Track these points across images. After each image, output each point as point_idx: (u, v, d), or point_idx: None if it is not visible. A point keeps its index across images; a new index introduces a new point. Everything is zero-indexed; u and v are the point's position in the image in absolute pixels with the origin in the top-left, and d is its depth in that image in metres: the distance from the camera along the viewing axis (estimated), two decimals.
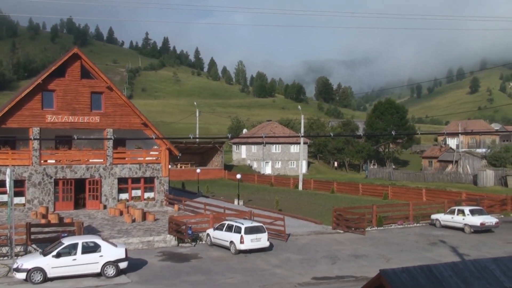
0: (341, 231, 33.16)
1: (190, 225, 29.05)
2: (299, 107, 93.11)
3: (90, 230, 30.35)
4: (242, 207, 43.85)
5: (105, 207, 40.65)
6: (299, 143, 78.59)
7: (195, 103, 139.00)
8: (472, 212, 33.19)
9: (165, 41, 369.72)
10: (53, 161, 39.89)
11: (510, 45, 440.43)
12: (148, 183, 43.44)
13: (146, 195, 43.26)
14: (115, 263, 22.03)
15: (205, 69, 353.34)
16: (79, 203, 41.07)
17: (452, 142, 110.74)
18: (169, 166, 45.59)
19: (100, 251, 22.02)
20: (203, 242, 29.39)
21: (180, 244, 28.80)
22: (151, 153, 43.79)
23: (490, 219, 33.03)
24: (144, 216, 35.59)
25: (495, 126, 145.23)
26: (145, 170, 42.96)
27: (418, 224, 36.25)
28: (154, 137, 37.91)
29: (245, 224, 27.24)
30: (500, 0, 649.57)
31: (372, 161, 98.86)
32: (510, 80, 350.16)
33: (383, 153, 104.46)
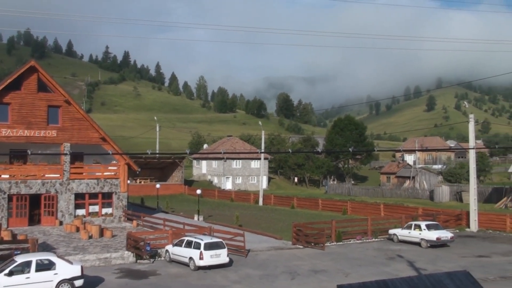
0: (301, 247, 33.26)
1: (148, 241, 28.64)
2: (260, 122, 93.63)
3: (45, 247, 29.53)
4: (202, 223, 43.50)
5: (61, 223, 39.69)
6: (259, 159, 78.82)
7: (155, 117, 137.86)
8: (429, 227, 33.83)
9: (126, 55, 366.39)
10: (7, 176, 38.75)
11: (464, 65, 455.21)
12: (106, 198, 42.69)
13: (104, 210, 42.49)
14: (70, 281, 21.47)
15: (166, 84, 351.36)
16: (34, 219, 39.95)
17: (409, 158, 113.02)
18: (128, 181, 44.98)
19: (55, 269, 21.42)
20: (162, 258, 29.00)
21: (138, 261, 28.33)
22: (110, 168, 43.12)
23: (445, 234, 33.74)
24: (101, 232, 34.88)
25: (451, 143, 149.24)
26: (103, 185, 42.22)
27: (376, 239, 36.69)
28: (111, 152, 37.36)
29: (205, 240, 27.02)
30: (454, 23, 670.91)
31: (332, 176, 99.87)
32: (464, 99, 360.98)
33: (342, 169, 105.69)
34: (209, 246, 26.42)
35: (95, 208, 42.10)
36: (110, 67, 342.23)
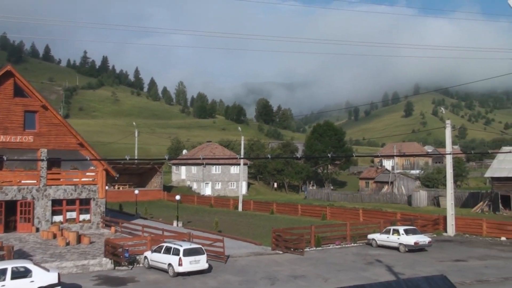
0: (280, 252, 33.28)
1: (127, 248, 28.40)
2: (239, 128, 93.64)
3: (21, 254, 29.08)
4: (181, 229, 43.26)
5: (37, 230, 39.12)
6: (239, 164, 78.76)
7: (134, 123, 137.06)
8: (407, 232, 34.12)
9: (104, 60, 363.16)
10: None
11: (441, 72, 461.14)
12: (84, 204, 42.23)
13: (82, 217, 42.01)
14: None
15: (145, 89, 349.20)
16: (9, 226, 39.29)
17: (387, 164, 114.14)
18: (106, 187, 44.57)
19: (31, 276, 21.10)
20: (141, 265, 28.76)
21: (116, 268, 28.05)
22: (87, 174, 42.69)
23: (423, 239, 34.07)
24: (79, 239, 34.48)
25: (428, 149, 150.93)
26: (80, 191, 41.78)
27: (355, 244, 36.88)
28: (89, 158, 36.99)
29: (184, 246, 26.88)
30: (431, 30, 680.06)
31: (311, 182, 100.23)
32: (441, 105, 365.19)
33: (321, 174, 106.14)
34: (188, 252, 26.29)
35: (73, 215, 41.62)
36: (88, 72, 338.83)
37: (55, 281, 21.43)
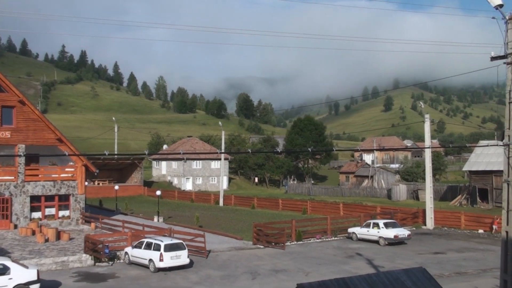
0: (262, 246, 33.35)
1: (107, 244, 28.23)
2: (220, 123, 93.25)
3: None
4: (162, 224, 43.14)
5: (15, 226, 38.63)
6: (220, 159, 78.63)
7: (113, 118, 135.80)
8: (386, 225, 34.45)
9: (83, 55, 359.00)
10: None
11: (420, 66, 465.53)
12: (63, 200, 41.79)
13: (61, 213, 41.60)
14: (26, 285, 20.93)
15: (125, 84, 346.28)
16: None
17: (367, 158, 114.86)
18: (86, 183, 44.15)
19: (9, 274, 20.84)
20: (121, 260, 28.59)
21: (96, 264, 27.85)
22: (67, 169, 42.25)
23: (403, 232, 34.44)
24: (58, 236, 34.14)
25: (407, 143, 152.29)
26: (59, 187, 41.33)
27: (335, 238, 37.12)
28: (67, 154, 36.60)
29: (165, 241, 26.79)
30: (410, 25, 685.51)
31: (292, 176, 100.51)
32: (420, 99, 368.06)
33: (302, 169, 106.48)
34: (169, 248, 26.21)
35: (52, 211, 41.17)
36: (67, 66, 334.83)
37: (34, 278, 21.21)
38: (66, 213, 41.75)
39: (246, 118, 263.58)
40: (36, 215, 40.27)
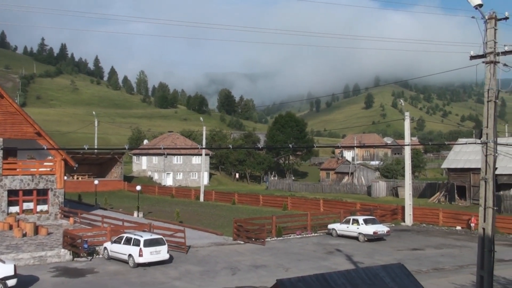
0: (242, 242, 33.38)
1: (86, 239, 28.01)
2: (201, 118, 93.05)
3: None
4: (141, 219, 42.95)
5: None
6: (201, 155, 78.44)
7: (94, 112, 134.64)
8: (366, 222, 34.72)
9: (63, 48, 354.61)
10: None
11: (401, 65, 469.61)
12: (42, 195, 41.31)
13: (39, 208, 41.11)
14: (2, 280, 20.66)
15: (105, 78, 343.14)
16: None
17: (348, 155, 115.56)
18: (65, 178, 43.71)
19: None
20: (100, 256, 28.39)
21: (75, 259, 27.62)
22: (45, 164, 41.75)
23: (382, 228, 34.74)
24: (36, 230, 33.76)
25: (387, 140, 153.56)
26: (38, 181, 40.85)
27: (316, 234, 37.30)
28: (46, 148, 36.17)
29: (144, 236, 26.68)
30: (391, 23, 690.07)
31: (273, 172, 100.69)
32: (401, 97, 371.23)
33: (283, 165, 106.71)
34: (149, 243, 26.10)
35: (30, 205, 40.66)
36: (46, 59, 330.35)
37: (11, 273, 20.95)
38: (44, 207, 41.27)
39: (227, 114, 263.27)
40: (14, 209, 39.72)
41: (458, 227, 40.42)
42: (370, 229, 34.00)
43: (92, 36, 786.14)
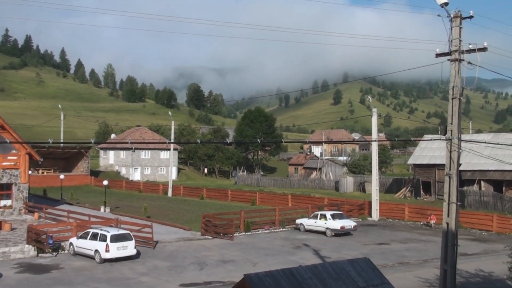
0: (210, 237, 33.33)
1: (51, 234, 27.58)
2: (170, 113, 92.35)
3: None
4: (108, 215, 42.45)
5: None
6: (169, 149, 77.90)
7: (59, 106, 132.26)
8: (333, 217, 35.05)
9: (28, 39, 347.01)
10: None
11: (369, 61, 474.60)
12: (5, 189, 40.48)
13: (3, 202, 40.29)
14: None
15: (72, 71, 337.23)
16: None
17: (316, 150, 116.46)
18: (30, 172, 42.90)
19: None
20: (66, 251, 27.99)
21: (40, 255, 27.16)
22: (9, 158, 40.88)
23: (349, 223, 35.14)
24: None
25: (355, 136, 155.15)
26: (1, 176, 40.00)
27: (284, 229, 37.48)
28: (9, 141, 35.43)
29: (111, 232, 26.39)
30: (359, 20, 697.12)
31: (242, 167, 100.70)
32: (369, 93, 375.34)
33: (252, 160, 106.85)
34: (116, 238, 25.84)
35: None
36: (11, 51, 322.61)
37: None
38: (8, 202, 40.48)
39: (196, 108, 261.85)
40: None
41: (423, 222, 41.16)
42: (337, 224, 34.34)
43: (58, 28, 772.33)
